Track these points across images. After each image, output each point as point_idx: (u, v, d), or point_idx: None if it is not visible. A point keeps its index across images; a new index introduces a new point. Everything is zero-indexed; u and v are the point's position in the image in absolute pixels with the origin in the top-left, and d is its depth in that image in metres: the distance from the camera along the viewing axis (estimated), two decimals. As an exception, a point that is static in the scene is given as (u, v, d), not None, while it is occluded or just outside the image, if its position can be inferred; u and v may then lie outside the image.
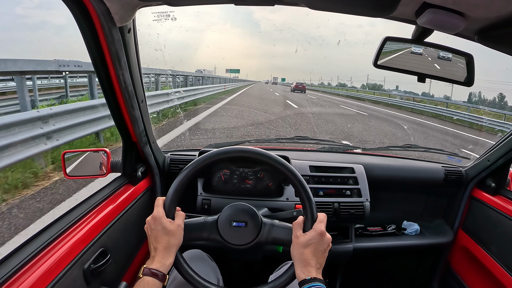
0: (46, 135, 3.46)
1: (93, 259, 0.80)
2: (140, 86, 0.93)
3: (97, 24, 0.69)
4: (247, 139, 1.73)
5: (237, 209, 0.81)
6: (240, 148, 0.82)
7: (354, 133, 7.19)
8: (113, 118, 0.96)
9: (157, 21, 0.93)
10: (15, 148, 3.07)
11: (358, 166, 1.37)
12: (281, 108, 11.47)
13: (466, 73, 0.80)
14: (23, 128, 3.20)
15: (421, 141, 7.13)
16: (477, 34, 0.75)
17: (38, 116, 3.40)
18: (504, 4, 0.61)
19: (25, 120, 3.26)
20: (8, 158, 2.96)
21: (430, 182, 1.48)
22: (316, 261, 0.71)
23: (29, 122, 3.30)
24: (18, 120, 3.17)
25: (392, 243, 1.42)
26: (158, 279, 0.68)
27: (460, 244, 1.45)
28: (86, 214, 0.87)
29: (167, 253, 0.72)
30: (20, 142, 3.11)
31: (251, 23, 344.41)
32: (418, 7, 0.67)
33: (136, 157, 1.10)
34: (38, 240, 0.72)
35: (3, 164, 2.88)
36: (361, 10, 0.69)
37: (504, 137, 1.23)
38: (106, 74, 0.81)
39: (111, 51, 0.75)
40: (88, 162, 1.06)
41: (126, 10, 0.70)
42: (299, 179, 0.78)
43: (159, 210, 0.75)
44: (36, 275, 0.64)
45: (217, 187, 1.25)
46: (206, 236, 0.80)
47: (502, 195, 1.29)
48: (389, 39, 0.77)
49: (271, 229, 0.80)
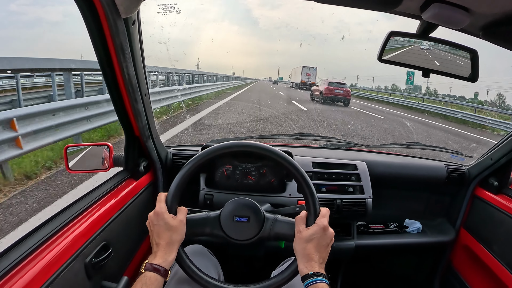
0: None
1: (95, 253, 0.80)
2: (144, 79, 0.93)
3: (102, 15, 0.69)
4: (250, 135, 1.73)
5: (239, 204, 0.81)
6: (243, 142, 0.82)
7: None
8: (116, 111, 0.96)
9: (162, 13, 0.93)
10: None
11: (361, 163, 1.37)
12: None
13: (471, 69, 0.80)
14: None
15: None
16: (481, 30, 0.75)
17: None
18: (508, 1, 0.61)
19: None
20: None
21: (432, 180, 1.47)
22: (319, 256, 0.71)
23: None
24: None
25: (394, 241, 1.42)
26: (160, 275, 0.68)
27: (462, 242, 1.44)
28: (88, 208, 0.87)
29: (169, 248, 0.72)
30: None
31: (249, 21, 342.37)
32: (423, 2, 0.67)
33: (139, 151, 1.10)
34: (39, 233, 0.72)
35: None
36: (367, 4, 0.69)
37: (507, 135, 1.23)
38: (110, 66, 0.81)
39: (115, 43, 0.74)
40: (90, 156, 1.06)
41: (131, 1, 0.70)
42: (301, 174, 0.78)
43: (161, 205, 0.75)
44: (37, 268, 0.64)
45: (219, 182, 1.25)
46: (208, 232, 0.80)
47: (505, 194, 1.28)
48: (394, 33, 0.77)
49: (273, 224, 0.80)
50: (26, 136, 3.24)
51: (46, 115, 3.59)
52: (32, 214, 2.58)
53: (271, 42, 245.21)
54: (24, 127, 3.21)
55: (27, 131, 3.24)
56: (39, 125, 3.44)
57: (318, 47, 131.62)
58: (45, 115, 3.57)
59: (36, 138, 3.38)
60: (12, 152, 3.08)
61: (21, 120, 3.20)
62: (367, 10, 0.68)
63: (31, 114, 3.39)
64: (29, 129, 3.27)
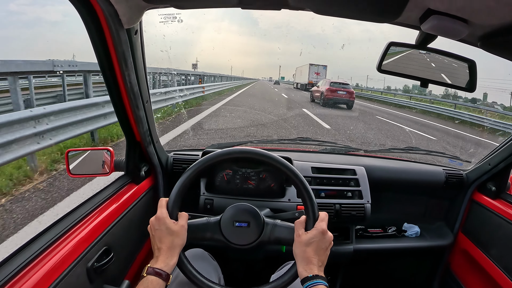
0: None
1: (97, 258, 0.81)
2: (145, 87, 0.94)
3: (104, 26, 0.70)
4: (250, 140, 1.74)
5: (239, 209, 0.82)
6: (243, 149, 0.83)
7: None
8: (118, 117, 0.97)
9: (164, 23, 0.94)
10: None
11: (359, 168, 1.38)
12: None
13: (469, 78, 0.81)
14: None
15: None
16: (480, 40, 0.76)
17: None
18: (507, 11, 0.62)
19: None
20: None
21: (431, 184, 1.48)
22: (318, 259, 0.72)
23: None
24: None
25: (393, 245, 1.43)
26: (161, 279, 0.69)
27: (460, 247, 1.45)
28: (89, 213, 0.88)
29: (171, 253, 0.73)
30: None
31: (249, 20, 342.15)
32: (422, 13, 0.67)
33: (140, 156, 1.11)
34: (42, 239, 0.73)
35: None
36: (367, 15, 0.70)
37: (505, 141, 1.23)
38: (112, 74, 0.82)
39: (117, 52, 0.75)
40: (91, 160, 1.07)
41: (134, 12, 0.71)
42: (300, 179, 0.80)
43: (163, 211, 0.76)
44: (40, 274, 0.65)
45: (219, 187, 1.26)
46: (209, 237, 0.81)
47: (503, 199, 1.29)
48: (393, 44, 0.77)
49: (273, 229, 0.81)
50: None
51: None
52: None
53: (271, 42, 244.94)
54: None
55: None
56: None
57: (321, 46, 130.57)
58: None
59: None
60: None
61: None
62: (367, 21, 0.69)
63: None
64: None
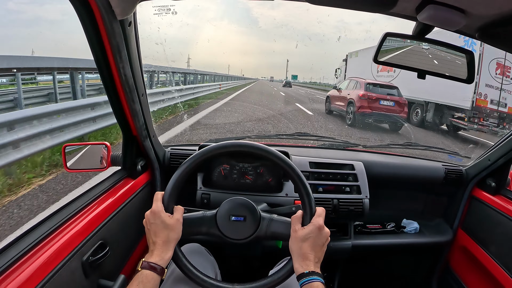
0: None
1: (92, 251, 0.81)
2: (141, 80, 0.93)
3: (98, 17, 0.70)
4: (247, 135, 1.73)
5: (235, 203, 0.81)
6: (240, 142, 0.82)
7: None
8: (114, 111, 0.96)
9: (158, 15, 0.93)
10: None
11: (358, 163, 1.37)
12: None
13: (467, 70, 0.80)
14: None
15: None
16: (478, 31, 0.75)
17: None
18: (505, 2, 0.61)
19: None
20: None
21: (430, 180, 1.47)
22: (314, 255, 0.72)
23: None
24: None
25: (391, 241, 1.42)
26: (156, 273, 0.69)
27: (460, 243, 1.44)
28: (85, 206, 0.87)
29: (166, 247, 0.73)
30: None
31: (249, 20, 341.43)
32: (418, 3, 0.66)
33: (136, 151, 1.10)
34: (37, 231, 0.73)
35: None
36: (362, 5, 0.69)
37: (504, 136, 1.22)
38: (107, 67, 0.81)
39: (111, 44, 0.75)
40: (88, 155, 1.07)
41: (127, 3, 0.70)
42: (297, 173, 0.79)
43: (158, 204, 0.75)
44: (34, 266, 0.64)
45: (217, 181, 1.25)
46: (205, 231, 0.80)
47: (502, 195, 1.28)
48: (389, 35, 0.76)
49: (269, 224, 0.80)
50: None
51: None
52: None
53: (271, 42, 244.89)
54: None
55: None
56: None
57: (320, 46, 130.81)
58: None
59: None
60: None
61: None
62: (362, 11, 0.68)
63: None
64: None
